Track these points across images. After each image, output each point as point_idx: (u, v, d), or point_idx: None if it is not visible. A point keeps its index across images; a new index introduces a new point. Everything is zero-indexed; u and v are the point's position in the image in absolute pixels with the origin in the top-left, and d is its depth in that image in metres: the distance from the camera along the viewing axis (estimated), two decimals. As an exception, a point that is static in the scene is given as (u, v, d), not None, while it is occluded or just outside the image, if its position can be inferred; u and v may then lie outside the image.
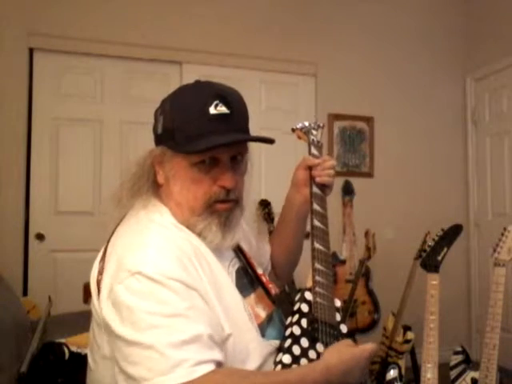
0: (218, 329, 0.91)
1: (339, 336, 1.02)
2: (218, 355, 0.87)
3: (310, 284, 1.03)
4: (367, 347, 0.94)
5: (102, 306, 0.91)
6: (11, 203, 2.96)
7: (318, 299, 1.01)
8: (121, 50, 3.17)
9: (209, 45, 3.32)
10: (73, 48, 3.09)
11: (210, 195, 0.97)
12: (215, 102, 0.95)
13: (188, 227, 0.99)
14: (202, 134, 0.94)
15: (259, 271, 1.14)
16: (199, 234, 0.98)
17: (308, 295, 1.02)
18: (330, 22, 3.62)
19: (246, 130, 1.02)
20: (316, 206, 1.13)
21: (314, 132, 1.23)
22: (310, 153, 1.20)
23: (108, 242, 1.02)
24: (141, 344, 0.83)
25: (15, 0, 3.01)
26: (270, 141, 1.01)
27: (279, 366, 0.94)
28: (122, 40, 3.16)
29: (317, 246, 1.07)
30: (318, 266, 1.05)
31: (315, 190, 1.14)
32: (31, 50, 3.06)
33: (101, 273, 0.97)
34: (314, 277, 1.03)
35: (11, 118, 2.98)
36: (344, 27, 3.65)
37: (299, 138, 1.24)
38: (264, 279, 1.12)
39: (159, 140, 1.01)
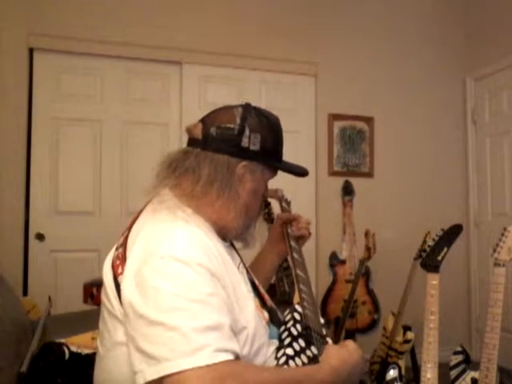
0: (235, 320, 0.94)
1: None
2: (236, 347, 0.89)
3: (296, 300, 1.15)
4: (353, 345, 1.05)
5: (123, 288, 0.92)
6: (11, 203, 2.96)
7: (306, 311, 1.11)
8: (121, 49, 3.17)
9: (209, 45, 3.32)
10: (73, 48, 3.09)
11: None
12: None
13: (229, 231, 1.09)
14: (281, 157, 1.15)
15: (257, 282, 1.19)
16: (243, 238, 1.14)
17: (298, 308, 1.11)
18: (330, 22, 3.62)
19: None
20: (293, 243, 1.33)
21: (280, 194, 1.46)
22: (281, 207, 1.45)
23: (129, 229, 1.04)
24: (164, 325, 0.84)
25: (15, 0, 3.01)
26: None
27: (284, 358, 1.01)
28: (122, 40, 3.16)
29: (298, 272, 1.23)
30: (302, 287, 1.18)
31: (291, 238, 1.35)
32: (31, 50, 3.06)
33: (119, 258, 0.99)
34: (300, 294, 1.15)
35: (11, 118, 2.98)
36: (344, 27, 3.65)
37: (270, 196, 1.41)
38: (261, 290, 1.18)
39: (251, 155, 1.08)
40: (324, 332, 1.12)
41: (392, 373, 1.76)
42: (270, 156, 1.10)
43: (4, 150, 2.95)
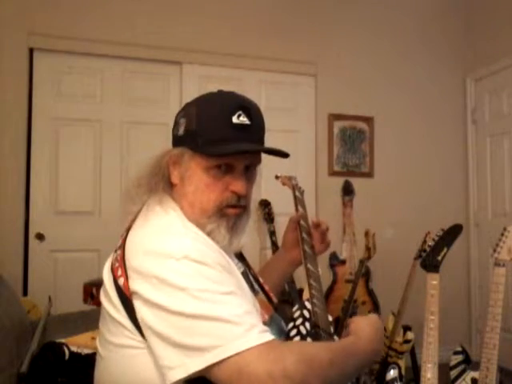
0: None
1: None
2: None
3: (306, 296, 1.13)
4: (376, 316, 1.04)
5: (142, 291, 0.89)
6: (11, 203, 2.96)
7: (316, 309, 1.10)
8: (121, 49, 3.17)
9: (209, 45, 3.32)
10: (73, 48, 3.09)
11: (222, 199, 1.02)
12: (238, 113, 1.00)
13: (197, 227, 1.02)
14: (224, 140, 0.99)
15: (261, 280, 1.19)
16: (208, 235, 1.02)
17: (307, 304, 1.10)
18: (329, 21, 3.62)
19: (263, 142, 1.08)
20: (304, 236, 1.26)
21: (294, 182, 1.39)
22: (294, 196, 1.34)
23: (127, 231, 1.03)
24: (205, 316, 0.84)
25: (15, 0, 3.01)
26: (285, 154, 1.06)
27: None
28: (122, 40, 3.16)
29: (309, 266, 1.19)
30: (312, 282, 1.15)
31: (304, 230, 1.28)
32: (31, 50, 3.05)
33: (117, 260, 0.98)
34: (310, 290, 1.13)
35: (11, 118, 2.98)
36: (344, 27, 3.65)
37: (283, 184, 1.38)
38: (266, 287, 1.18)
39: (179, 141, 1.05)
40: (332, 330, 1.11)
41: (392, 373, 1.76)
42: (195, 139, 1.00)
43: (4, 150, 2.95)
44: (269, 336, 0.86)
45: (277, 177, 1.42)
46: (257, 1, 3.48)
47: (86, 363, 1.08)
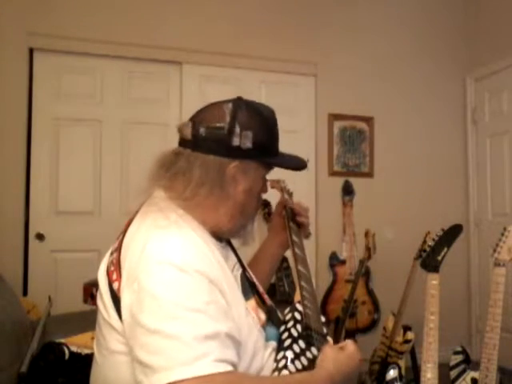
0: (234, 326, 0.92)
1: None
2: (234, 356, 0.87)
3: (297, 298, 1.12)
4: (353, 348, 1.02)
5: (123, 297, 0.90)
6: (11, 203, 2.96)
7: (307, 310, 1.09)
8: (121, 49, 3.17)
9: (209, 45, 3.32)
10: (73, 48, 3.09)
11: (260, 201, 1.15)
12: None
13: (229, 234, 1.10)
14: (279, 151, 1.13)
15: (256, 281, 1.18)
16: (240, 237, 1.12)
17: (299, 306, 1.09)
18: (329, 22, 3.62)
19: None
20: (295, 238, 1.28)
21: (282, 184, 1.42)
22: (284, 198, 1.40)
23: (123, 234, 1.02)
24: (162, 333, 0.82)
25: (15, 0, 3.01)
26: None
27: (283, 361, 0.99)
28: (122, 40, 3.16)
29: (300, 268, 1.20)
30: (303, 284, 1.16)
31: (292, 225, 1.32)
32: (31, 50, 3.06)
33: (113, 264, 0.97)
34: (301, 292, 1.13)
35: (11, 118, 2.98)
36: (344, 27, 3.65)
37: (272, 187, 1.40)
38: (260, 289, 1.17)
39: (240, 154, 1.03)
40: (325, 331, 1.11)
41: (392, 373, 1.76)
42: (263, 152, 1.06)
43: (4, 149, 2.95)
44: (222, 367, 0.82)
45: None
46: (257, 1, 3.48)
47: (86, 363, 1.08)
